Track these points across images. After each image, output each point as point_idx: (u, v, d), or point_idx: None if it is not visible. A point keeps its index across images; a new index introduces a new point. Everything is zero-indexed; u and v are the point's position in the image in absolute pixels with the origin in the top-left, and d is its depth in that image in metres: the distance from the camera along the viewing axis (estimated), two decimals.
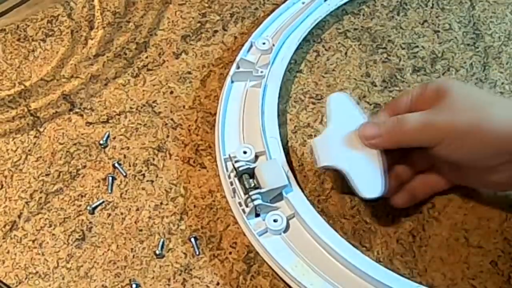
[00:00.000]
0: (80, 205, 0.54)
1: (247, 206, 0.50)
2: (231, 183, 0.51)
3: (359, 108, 0.52)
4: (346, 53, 0.62)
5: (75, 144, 0.57)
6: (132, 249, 0.52)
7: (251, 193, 0.50)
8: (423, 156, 0.51)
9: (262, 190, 0.50)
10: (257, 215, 0.51)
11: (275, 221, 0.50)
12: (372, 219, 0.52)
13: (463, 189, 0.53)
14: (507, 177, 0.47)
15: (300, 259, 0.49)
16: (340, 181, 0.54)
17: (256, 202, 0.49)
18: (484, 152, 0.46)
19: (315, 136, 0.56)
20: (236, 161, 0.52)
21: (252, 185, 0.50)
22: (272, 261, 0.49)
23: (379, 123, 0.50)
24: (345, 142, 0.51)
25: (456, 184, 0.52)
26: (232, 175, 0.52)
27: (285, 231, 0.50)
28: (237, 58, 0.58)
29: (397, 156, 0.51)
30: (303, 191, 0.51)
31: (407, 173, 0.52)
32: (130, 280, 0.50)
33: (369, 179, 0.49)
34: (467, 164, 0.48)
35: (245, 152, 0.52)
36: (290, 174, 0.52)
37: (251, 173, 0.51)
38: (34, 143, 0.57)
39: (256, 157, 0.53)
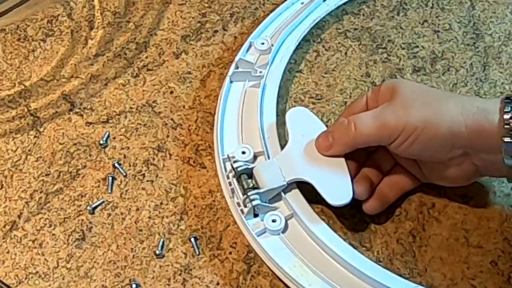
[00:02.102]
0: (80, 205, 0.54)
1: (245, 206, 0.50)
2: (230, 183, 0.51)
3: (319, 120, 0.53)
4: (346, 53, 0.62)
5: (75, 144, 0.57)
6: (132, 249, 0.52)
7: (249, 193, 0.50)
8: (385, 156, 0.52)
9: (260, 191, 0.50)
10: (256, 215, 0.51)
11: (273, 221, 0.50)
12: (372, 219, 0.52)
13: (463, 189, 0.53)
14: (462, 171, 0.48)
15: (299, 259, 0.49)
16: None
17: (254, 203, 0.49)
18: (438, 147, 0.47)
19: None
20: (234, 161, 0.52)
21: (251, 185, 0.50)
22: (270, 261, 0.49)
23: (331, 131, 0.50)
24: (308, 154, 0.51)
25: (422, 182, 0.52)
26: (230, 175, 0.52)
27: (283, 231, 0.50)
28: (236, 58, 0.58)
29: (362, 159, 0.52)
30: (301, 192, 0.51)
31: (374, 175, 0.52)
32: (130, 280, 0.50)
33: (337, 186, 0.50)
34: (424, 159, 0.49)
35: (243, 152, 0.52)
36: None
37: (250, 173, 0.51)
38: (34, 143, 0.57)
39: (255, 157, 0.53)
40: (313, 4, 0.62)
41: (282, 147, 0.53)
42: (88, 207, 0.53)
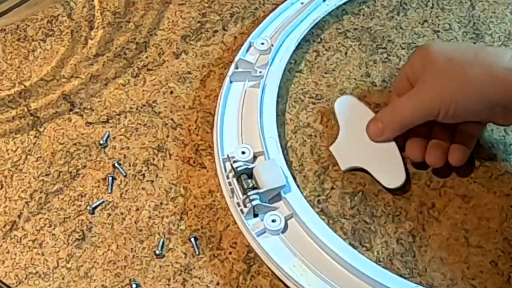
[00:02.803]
0: (80, 205, 0.54)
1: (245, 206, 0.50)
2: (230, 183, 0.51)
3: (365, 106, 0.56)
4: (346, 53, 0.62)
5: (75, 144, 0.57)
6: (132, 249, 0.52)
7: (249, 193, 0.50)
8: None
9: (260, 191, 0.50)
10: (256, 215, 0.51)
11: (273, 221, 0.50)
12: (372, 219, 0.52)
13: (463, 189, 0.53)
14: (510, 117, 0.50)
15: (298, 259, 0.49)
16: (340, 181, 0.54)
17: (254, 203, 0.49)
18: (478, 111, 0.49)
19: (314, 136, 0.56)
20: (234, 161, 0.52)
21: (250, 185, 0.50)
22: (270, 261, 0.49)
23: (379, 117, 0.53)
24: (360, 140, 0.54)
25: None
26: (230, 175, 0.52)
27: (283, 232, 0.50)
28: (236, 58, 0.58)
29: (428, 129, 0.53)
30: (301, 191, 0.51)
31: (444, 139, 0.53)
32: (130, 280, 0.50)
33: (391, 169, 0.52)
34: (472, 119, 0.51)
35: (243, 153, 0.52)
36: (288, 174, 0.52)
37: (250, 173, 0.51)
38: (34, 143, 0.57)
39: (255, 157, 0.53)
40: (313, 4, 0.62)
41: (282, 147, 0.54)
42: (88, 207, 0.53)
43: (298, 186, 0.52)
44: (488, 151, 0.55)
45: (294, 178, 0.54)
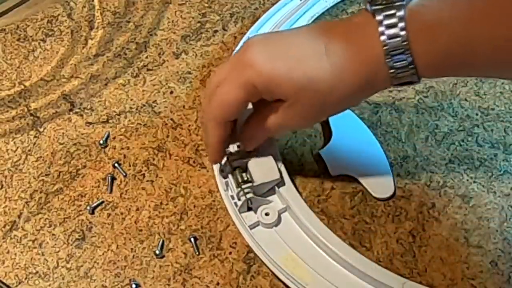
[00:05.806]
0: (80, 205, 0.54)
1: (239, 199, 0.50)
2: (225, 177, 0.52)
3: (358, 119, 0.56)
4: None
5: (75, 144, 0.57)
6: (132, 249, 0.52)
7: (243, 186, 0.50)
8: None
9: (254, 184, 0.50)
10: (250, 209, 0.51)
11: (266, 214, 0.50)
12: (372, 219, 0.52)
13: (463, 189, 0.53)
14: None
15: (292, 253, 0.49)
16: (340, 181, 0.54)
17: (248, 196, 0.50)
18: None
19: (314, 136, 0.56)
20: (229, 155, 0.51)
21: (245, 178, 0.50)
22: (263, 255, 0.49)
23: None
24: (351, 149, 0.54)
25: None
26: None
27: (277, 225, 0.50)
28: (234, 53, 0.58)
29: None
30: (295, 186, 0.52)
31: None
32: (130, 280, 0.50)
33: (380, 180, 0.53)
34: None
35: (239, 146, 0.52)
36: (283, 168, 0.52)
37: (244, 167, 0.51)
38: (34, 143, 0.57)
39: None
40: (312, 0, 0.62)
41: (283, 146, 0.54)
42: (88, 207, 0.53)
43: (292, 181, 0.52)
44: (488, 151, 0.55)
45: (294, 178, 0.53)
